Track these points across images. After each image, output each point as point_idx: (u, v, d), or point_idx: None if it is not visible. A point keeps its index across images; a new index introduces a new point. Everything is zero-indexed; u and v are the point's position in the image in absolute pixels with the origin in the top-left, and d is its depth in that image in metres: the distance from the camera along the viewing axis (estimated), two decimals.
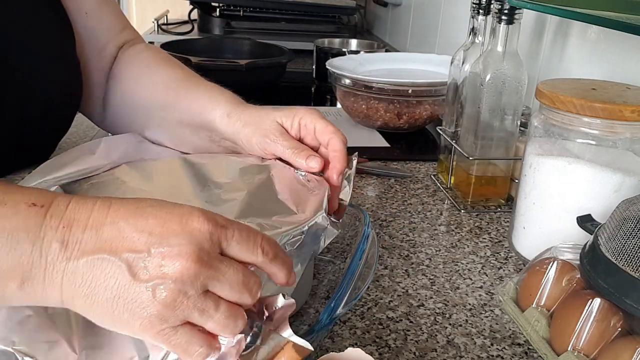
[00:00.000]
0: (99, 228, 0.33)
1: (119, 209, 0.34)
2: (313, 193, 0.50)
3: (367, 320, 0.50)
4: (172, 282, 0.32)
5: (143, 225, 0.33)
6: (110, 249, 0.33)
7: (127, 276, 0.32)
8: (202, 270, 0.33)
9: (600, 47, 0.73)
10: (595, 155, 0.54)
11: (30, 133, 0.64)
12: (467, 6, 0.77)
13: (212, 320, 0.34)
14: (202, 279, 0.33)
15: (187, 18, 1.85)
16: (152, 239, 0.33)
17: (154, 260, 0.32)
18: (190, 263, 0.33)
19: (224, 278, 0.34)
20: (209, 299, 0.33)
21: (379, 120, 0.96)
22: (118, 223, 0.33)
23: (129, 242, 0.33)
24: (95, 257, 0.33)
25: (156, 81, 0.69)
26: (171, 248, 0.33)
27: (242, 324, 0.35)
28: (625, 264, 0.42)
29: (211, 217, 0.34)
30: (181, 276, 0.32)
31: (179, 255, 0.33)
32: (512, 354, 0.47)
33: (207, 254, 0.33)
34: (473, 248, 0.63)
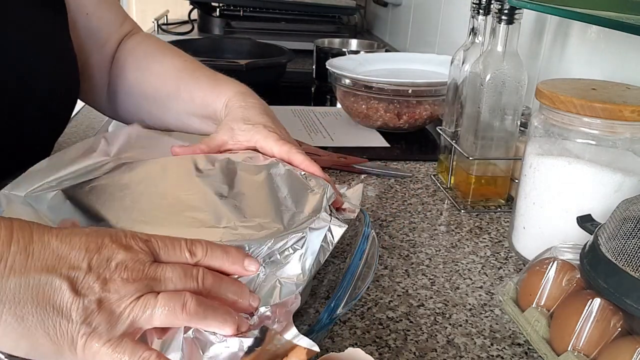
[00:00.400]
0: (27, 245, 0.33)
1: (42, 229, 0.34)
2: (313, 192, 0.50)
3: (367, 320, 0.50)
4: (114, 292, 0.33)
5: (77, 242, 0.34)
6: (47, 267, 0.32)
7: (69, 294, 0.32)
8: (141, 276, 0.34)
9: (600, 47, 0.73)
10: (595, 155, 0.54)
11: (27, 130, 0.64)
12: (467, 6, 0.77)
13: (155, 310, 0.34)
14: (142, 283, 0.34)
15: (187, 18, 1.85)
16: (89, 255, 0.34)
17: (95, 274, 0.33)
18: (127, 273, 0.34)
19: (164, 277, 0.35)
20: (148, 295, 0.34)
21: (379, 120, 0.96)
22: (50, 242, 0.33)
23: (67, 259, 0.33)
24: (31, 277, 0.32)
25: (160, 71, 0.72)
26: (109, 262, 0.34)
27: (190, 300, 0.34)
28: (625, 264, 0.42)
29: (134, 234, 0.37)
30: (123, 286, 0.33)
31: (116, 268, 0.34)
32: (512, 354, 0.47)
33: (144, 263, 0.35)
34: (473, 248, 0.63)
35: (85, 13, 0.71)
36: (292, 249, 0.42)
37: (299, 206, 0.47)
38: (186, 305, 0.34)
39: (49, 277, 0.32)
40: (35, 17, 0.63)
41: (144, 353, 0.33)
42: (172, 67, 0.71)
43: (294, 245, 0.43)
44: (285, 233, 0.43)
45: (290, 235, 0.43)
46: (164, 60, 0.72)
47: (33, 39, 0.62)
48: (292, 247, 0.42)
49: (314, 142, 0.90)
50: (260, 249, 0.42)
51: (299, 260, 0.42)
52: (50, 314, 0.32)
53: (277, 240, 0.42)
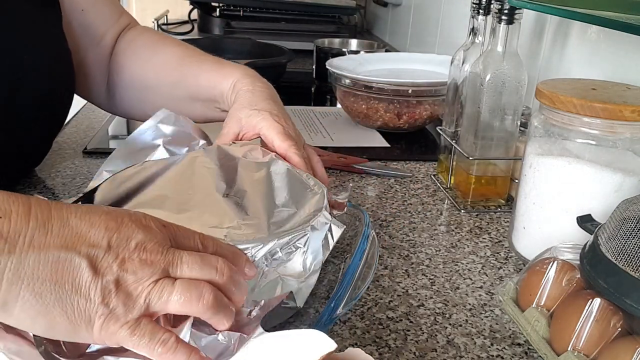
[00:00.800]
0: (45, 222, 0.32)
1: (60, 207, 0.33)
2: (313, 192, 0.50)
3: (367, 320, 0.50)
4: (132, 273, 0.33)
5: (97, 220, 0.33)
6: (66, 244, 0.32)
7: (88, 272, 0.32)
8: (159, 258, 0.34)
9: (600, 47, 0.73)
10: (595, 155, 0.54)
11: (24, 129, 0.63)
12: (467, 6, 0.77)
13: (172, 297, 0.33)
14: (160, 266, 0.34)
15: (187, 18, 1.85)
16: (109, 233, 0.33)
17: (114, 253, 0.33)
18: (147, 254, 0.33)
19: (181, 261, 0.35)
20: (165, 281, 0.34)
21: (379, 120, 0.96)
22: (68, 219, 0.33)
23: (87, 237, 0.32)
24: (50, 253, 0.31)
25: (162, 60, 0.72)
26: (128, 241, 0.33)
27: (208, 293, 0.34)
28: (625, 264, 0.42)
29: (154, 217, 0.36)
30: (140, 267, 0.33)
31: (135, 248, 0.33)
32: (512, 354, 0.47)
33: (163, 245, 0.34)
34: (473, 248, 0.63)
35: (80, 9, 0.71)
36: (294, 247, 0.43)
37: (300, 205, 0.47)
38: (204, 298, 0.34)
39: (69, 254, 0.31)
40: (29, 15, 0.63)
41: (163, 335, 0.33)
42: (174, 55, 0.72)
43: (296, 243, 0.43)
44: (288, 232, 0.43)
45: (293, 234, 0.43)
46: (165, 49, 0.73)
47: (27, 37, 0.62)
48: (294, 246, 0.43)
49: (314, 142, 0.90)
50: (264, 247, 0.42)
51: (300, 258, 0.42)
52: (68, 292, 0.31)
53: (280, 239, 0.42)
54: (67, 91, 0.69)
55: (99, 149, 0.84)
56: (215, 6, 1.78)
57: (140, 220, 0.35)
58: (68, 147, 0.86)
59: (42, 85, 0.63)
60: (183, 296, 0.34)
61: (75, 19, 0.70)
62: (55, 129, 0.72)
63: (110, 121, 0.97)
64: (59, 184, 0.73)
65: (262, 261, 0.42)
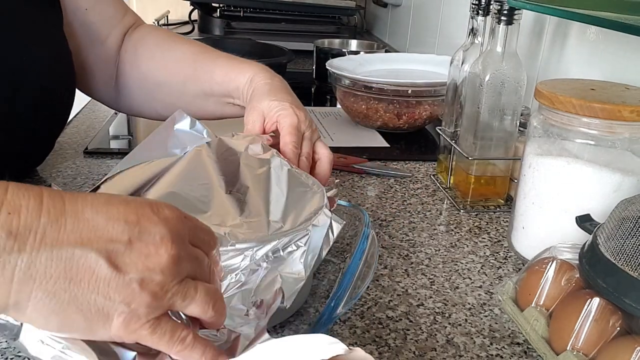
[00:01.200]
0: (58, 217, 0.30)
1: (76, 199, 0.31)
2: (312, 190, 0.50)
3: (367, 320, 0.50)
4: (160, 271, 0.31)
5: (115, 212, 0.31)
6: (82, 239, 0.30)
7: (107, 269, 0.30)
8: (184, 255, 0.32)
9: (599, 47, 0.73)
10: (594, 155, 0.54)
11: (24, 129, 0.63)
12: (466, 7, 0.77)
13: (194, 302, 0.33)
14: (184, 264, 0.32)
15: (187, 18, 1.85)
16: (129, 227, 0.31)
17: (137, 249, 0.31)
18: (173, 250, 0.31)
19: (198, 261, 0.34)
20: (189, 282, 0.32)
21: (379, 121, 0.96)
22: (83, 211, 0.30)
23: (104, 231, 0.30)
24: (64, 250, 0.29)
25: (176, 57, 0.73)
26: (152, 236, 0.31)
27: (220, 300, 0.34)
28: (624, 264, 0.42)
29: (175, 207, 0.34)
30: (168, 264, 0.31)
31: (161, 242, 0.31)
32: (511, 353, 0.47)
33: (184, 241, 0.33)
34: (472, 248, 0.64)
35: (84, 8, 0.71)
36: (296, 245, 0.43)
37: (300, 204, 0.48)
38: (217, 304, 0.34)
39: (84, 251, 0.29)
40: (28, 15, 0.63)
41: (182, 332, 0.32)
42: (189, 52, 0.73)
43: (297, 242, 0.43)
44: (289, 231, 0.44)
45: (294, 232, 0.43)
46: (178, 47, 0.74)
47: (27, 37, 0.62)
48: (296, 244, 0.43)
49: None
50: (265, 247, 0.42)
51: (301, 256, 0.43)
52: (84, 290, 0.30)
53: (282, 239, 0.43)
54: (68, 91, 0.69)
55: (99, 149, 0.84)
56: (216, 7, 1.78)
57: (162, 211, 0.32)
58: (69, 147, 0.86)
59: (42, 85, 0.63)
60: (204, 303, 0.33)
61: (77, 18, 0.70)
62: (57, 129, 0.72)
63: (111, 121, 0.97)
64: (59, 184, 0.73)
65: (263, 260, 0.42)
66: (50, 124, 0.70)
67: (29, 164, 0.74)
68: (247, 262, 0.41)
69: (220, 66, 0.69)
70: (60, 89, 0.67)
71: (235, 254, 0.41)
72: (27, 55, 0.61)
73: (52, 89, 0.65)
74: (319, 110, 1.11)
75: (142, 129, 0.96)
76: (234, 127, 0.62)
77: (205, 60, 0.71)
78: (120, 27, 0.75)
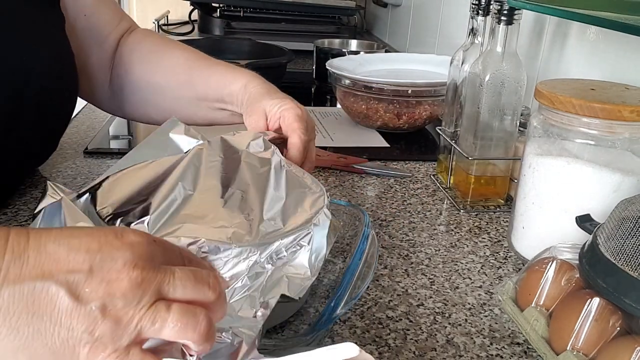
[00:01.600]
0: (21, 253, 0.30)
1: (40, 234, 0.31)
2: (311, 190, 0.50)
3: (367, 320, 0.50)
4: (121, 296, 0.30)
5: (77, 243, 0.31)
6: (42, 274, 0.29)
7: (68, 300, 0.29)
8: (151, 277, 0.31)
9: (599, 47, 0.73)
10: (594, 155, 0.54)
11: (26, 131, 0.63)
12: (466, 7, 0.77)
13: (167, 326, 0.31)
14: (152, 287, 0.31)
15: (187, 18, 1.85)
16: (91, 256, 0.30)
17: (98, 277, 0.30)
18: (137, 273, 0.30)
19: (174, 279, 0.32)
20: (159, 305, 0.31)
21: (379, 121, 0.96)
22: (46, 245, 0.30)
23: (65, 262, 0.30)
24: (25, 285, 0.29)
25: (170, 63, 0.74)
26: (114, 262, 0.30)
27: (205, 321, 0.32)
28: (624, 264, 0.42)
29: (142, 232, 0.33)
30: (130, 288, 0.30)
31: (123, 267, 0.30)
32: (511, 353, 0.47)
33: (151, 263, 0.32)
34: (472, 248, 0.64)
35: (83, 14, 0.71)
36: (299, 245, 0.43)
37: (301, 203, 0.48)
38: (200, 326, 0.31)
39: (45, 284, 0.29)
40: (28, 15, 0.63)
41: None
42: (184, 57, 0.74)
43: (300, 241, 0.43)
44: (291, 231, 0.44)
45: (296, 233, 0.43)
46: (173, 52, 0.75)
47: (27, 37, 0.62)
48: (299, 244, 0.43)
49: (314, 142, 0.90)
50: (268, 248, 0.42)
51: (304, 256, 0.43)
52: (47, 324, 0.29)
53: (284, 239, 0.43)
54: (69, 91, 0.70)
55: (99, 149, 0.84)
56: (216, 7, 1.78)
57: (127, 237, 0.32)
58: (69, 147, 0.86)
59: (44, 85, 0.63)
60: (179, 323, 0.31)
61: (79, 23, 0.71)
62: (59, 128, 0.73)
63: (111, 122, 0.97)
64: (60, 184, 0.73)
65: (267, 262, 0.42)
66: (53, 124, 0.70)
67: (33, 164, 0.74)
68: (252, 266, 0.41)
69: (215, 73, 0.70)
70: (62, 88, 0.67)
71: (239, 259, 0.41)
72: (27, 55, 0.61)
73: (53, 89, 0.65)
74: (319, 110, 1.11)
75: (142, 129, 0.96)
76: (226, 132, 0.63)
77: (201, 66, 0.72)
78: (117, 31, 0.76)
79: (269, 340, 0.41)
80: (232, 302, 0.39)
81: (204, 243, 0.41)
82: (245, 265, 0.41)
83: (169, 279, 0.32)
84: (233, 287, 0.40)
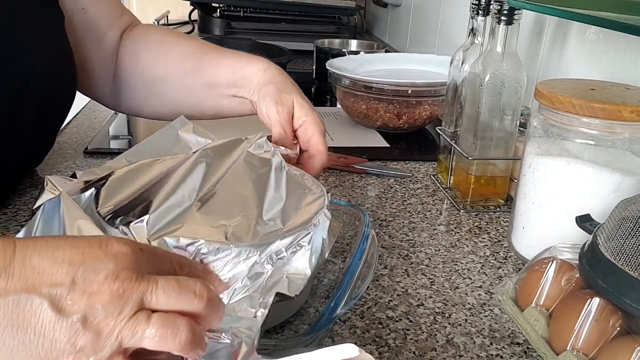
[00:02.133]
0: (7, 266, 0.30)
1: (26, 245, 0.31)
2: (311, 191, 0.50)
3: (367, 320, 0.50)
4: (102, 307, 0.30)
5: (61, 256, 0.31)
6: (27, 287, 0.30)
7: (51, 312, 0.30)
8: (133, 287, 0.31)
9: (599, 47, 0.73)
10: (594, 155, 0.54)
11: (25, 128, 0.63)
12: (466, 7, 0.77)
13: (147, 336, 0.31)
14: (134, 297, 0.31)
15: (187, 18, 1.85)
16: (73, 269, 0.31)
17: (80, 289, 0.30)
18: (118, 284, 0.31)
19: (157, 288, 0.32)
20: (140, 315, 0.31)
21: (379, 121, 0.96)
22: (31, 258, 0.31)
23: (48, 276, 0.30)
24: (10, 298, 0.30)
25: (178, 52, 0.74)
26: (96, 273, 0.31)
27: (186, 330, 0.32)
28: (624, 264, 0.42)
29: (128, 241, 0.34)
30: (111, 300, 0.30)
31: (105, 279, 0.31)
32: (511, 353, 0.47)
33: (134, 273, 0.32)
34: (472, 248, 0.64)
35: (81, 8, 0.71)
36: (299, 245, 0.43)
37: (301, 204, 0.48)
38: (181, 335, 0.31)
39: (29, 297, 0.30)
40: (28, 15, 0.63)
41: None
42: (192, 46, 0.74)
43: (300, 241, 0.43)
44: (291, 232, 0.44)
45: (296, 233, 0.44)
46: (181, 41, 0.75)
47: (27, 37, 0.62)
48: (299, 244, 0.43)
49: None
50: (268, 248, 0.42)
51: (304, 256, 0.43)
52: (31, 336, 0.30)
53: (284, 239, 0.43)
54: (69, 91, 0.70)
55: (99, 149, 0.84)
56: (216, 7, 1.78)
57: (112, 247, 0.32)
58: (69, 147, 0.86)
59: (44, 86, 0.63)
60: (159, 332, 0.31)
61: (76, 17, 0.70)
62: (57, 127, 0.72)
63: (111, 121, 0.97)
64: None
65: (267, 262, 0.42)
66: (51, 123, 0.70)
67: (30, 163, 0.74)
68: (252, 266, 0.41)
69: (228, 57, 0.70)
70: (62, 88, 0.67)
71: (238, 260, 0.41)
72: (27, 55, 0.61)
73: (53, 89, 0.65)
74: (319, 110, 1.10)
75: (142, 129, 0.97)
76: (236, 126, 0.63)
77: (211, 52, 0.72)
78: (118, 25, 0.75)
79: (269, 340, 0.41)
80: (232, 302, 0.39)
81: (202, 244, 0.40)
82: (245, 266, 0.41)
83: (152, 289, 0.32)
84: (233, 288, 0.40)
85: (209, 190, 0.49)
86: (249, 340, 0.36)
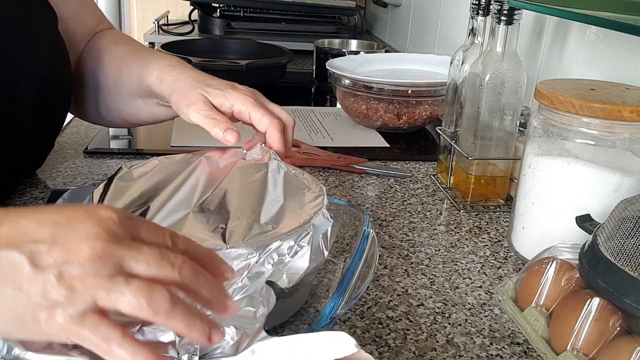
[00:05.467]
0: None
1: (17, 211, 0.33)
2: (310, 190, 0.50)
3: (367, 320, 0.50)
4: (78, 264, 0.31)
5: (46, 218, 0.32)
6: (10, 243, 0.31)
7: (29, 267, 0.31)
8: (113, 249, 0.31)
9: (599, 47, 0.73)
10: (594, 155, 0.54)
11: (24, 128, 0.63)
12: (466, 7, 0.77)
13: (123, 297, 0.31)
14: (113, 259, 0.31)
15: (187, 19, 1.85)
16: (56, 229, 0.32)
17: (59, 247, 0.31)
18: (99, 243, 0.31)
19: (139, 255, 0.32)
20: (118, 276, 0.31)
21: (379, 121, 0.96)
22: (18, 220, 0.32)
23: (31, 234, 0.32)
24: None
25: (110, 59, 0.72)
26: (77, 234, 0.31)
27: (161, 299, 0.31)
28: (624, 264, 0.42)
29: (118, 209, 0.34)
30: (89, 258, 0.31)
31: (86, 238, 0.31)
32: (511, 353, 0.47)
33: (117, 236, 0.32)
34: (472, 248, 0.64)
35: (65, 17, 0.71)
36: (298, 245, 0.43)
37: (300, 204, 0.48)
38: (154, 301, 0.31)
39: (10, 253, 0.31)
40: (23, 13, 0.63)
41: (106, 330, 0.31)
42: (119, 54, 0.72)
43: (300, 242, 0.43)
44: (291, 232, 0.44)
45: (296, 232, 0.44)
46: (113, 49, 0.73)
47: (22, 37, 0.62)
48: (298, 244, 0.43)
49: (314, 142, 0.90)
50: (268, 247, 0.42)
51: (304, 256, 0.43)
52: (9, 290, 0.31)
53: (284, 240, 0.43)
54: (65, 90, 0.69)
55: (99, 149, 0.84)
56: (216, 7, 1.78)
57: (98, 211, 0.33)
58: (69, 147, 0.86)
59: (41, 85, 0.63)
60: (135, 296, 0.31)
61: (60, 26, 0.70)
62: (56, 126, 0.72)
63: None
64: (60, 184, 0.73)
65: (268, 262, 0.42)
66: (50, 123, 0.70)
67: (31, 165, 0.74)
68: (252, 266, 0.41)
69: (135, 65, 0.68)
70: (58, 87, 0.67)
71: (238, 261, 0.41)
72: (24, 54, 0.61)
73: (50, 88, 0.65)
74: (319, 110, 1.11)
75: (142, 128, 0.96)
76: None
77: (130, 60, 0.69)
78: (89, 36, 0.75)
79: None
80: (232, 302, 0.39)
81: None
82: (245, 266, 0.41)
83: (133, 255, 0.32)
84: (233, 288, 0.40)
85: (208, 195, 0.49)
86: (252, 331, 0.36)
